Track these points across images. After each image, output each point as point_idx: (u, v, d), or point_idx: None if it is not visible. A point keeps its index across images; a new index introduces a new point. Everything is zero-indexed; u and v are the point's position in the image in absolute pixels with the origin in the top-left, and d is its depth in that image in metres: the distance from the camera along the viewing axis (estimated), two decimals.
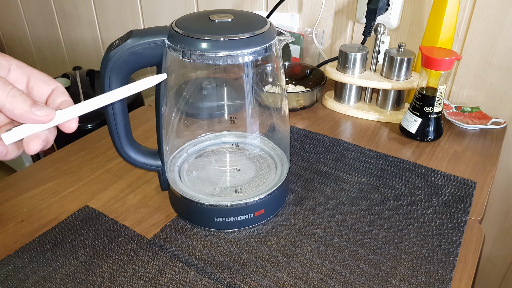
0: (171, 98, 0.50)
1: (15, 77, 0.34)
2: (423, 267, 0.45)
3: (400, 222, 0.51)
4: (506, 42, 0.71)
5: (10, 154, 0.34)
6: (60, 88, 0.36)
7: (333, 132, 0.71)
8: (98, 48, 1.39)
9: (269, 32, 0.43)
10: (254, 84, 0.48)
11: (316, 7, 0.89)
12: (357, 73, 0.75)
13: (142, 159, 0.50)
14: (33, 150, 0.33)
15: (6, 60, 0.34)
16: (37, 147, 0.33)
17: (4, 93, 0.31)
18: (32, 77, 0.35)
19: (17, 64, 0.35)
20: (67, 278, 0.44)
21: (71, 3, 1.34)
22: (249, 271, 0.44)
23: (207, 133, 0.58)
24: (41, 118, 0.32)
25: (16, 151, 0.34)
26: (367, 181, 0.58)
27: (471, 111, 0.76)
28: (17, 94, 0.32)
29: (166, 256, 0.46)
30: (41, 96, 0.35)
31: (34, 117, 0.32)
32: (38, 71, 0.36)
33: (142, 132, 0.71)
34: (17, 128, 0.33)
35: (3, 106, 0.31)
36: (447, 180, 0.59)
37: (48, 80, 0.36)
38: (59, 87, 0.36)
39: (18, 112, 0.32)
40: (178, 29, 0.42)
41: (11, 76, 0.34)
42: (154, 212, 0.53)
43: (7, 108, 0.32)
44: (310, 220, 0.51)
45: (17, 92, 0.32)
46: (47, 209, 0.53)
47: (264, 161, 0.55)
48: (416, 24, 0.79)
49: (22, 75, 0.35)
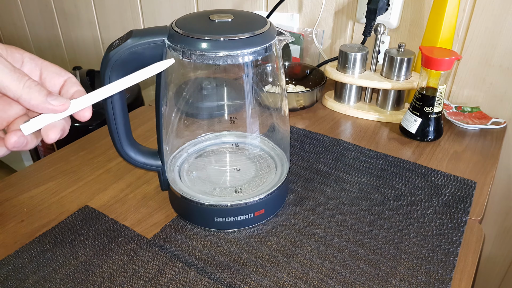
0: (171, 98, 0.50)
1: (28, 70, 0.36)
2: (423, 267, 0.45)
3: (400, 222, 0.51)
4: (506, 42, 0.71)
5: (30, 144, 0.35)
6: (72, 79, 0.37)
7: (333, 132, 0.71)
8: (98, 48, 1.39)
9: (269, 32, 0.43)
10: (254, 84, 0.48)
11: (316, 7, 0.89)
12: (357, 73, 0.75)
13: (142, 159, 0.50)
14: (51, 139, 0.34)
15: (19, 53, 0.35)
16: (56, 136, 0.35)
17: (20, 84, 0.32)
18: (44, 69, 0.36)
19: (30, 57, 0.36)
20: (67, 278, 0.44)
21: (71, 3, 1.34)
22: (249, 271, 0.44)
23: (207, 133, 0.58)
24: (56, 107, 0.34)
25: (35, 141, 0.36)
26: (367, 181, 0.58)
27: (471, 111, 0.76)
28: (33, 85, 0.33)
29: (166, 256, 0.46)
30: (54, 87, 0.36)
31: (49, 106, 0.33)
32: (50, 63, 0.37)
33: (142, 132, 0.71)
34: (35, 119, 0.34)
35: (19, 96, 0.33)
36: (447, 180, 0.59)
37: (60, 71, 0.37)
38: (71, 78, 0.37)
39: (35, 102, 0.33)
40: (178, 29, 0.42)
41: (24, 69, 0.35)
42: (154, 212, 0.53)
43: (23, 99, 0.33)
44: (310, 220, 0.51)
45: (32, 83, 0.33)
46: (47, 209, 0.53)
47: (264, 161, 0.55)
48: (416, 24, 0.79)
49: (35, 67, 0.36)
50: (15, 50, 0.35)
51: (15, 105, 0.36)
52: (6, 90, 0.32)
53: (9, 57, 0.34)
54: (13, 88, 0.32)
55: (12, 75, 0.32)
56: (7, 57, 0.34)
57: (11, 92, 0.32)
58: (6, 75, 0.32)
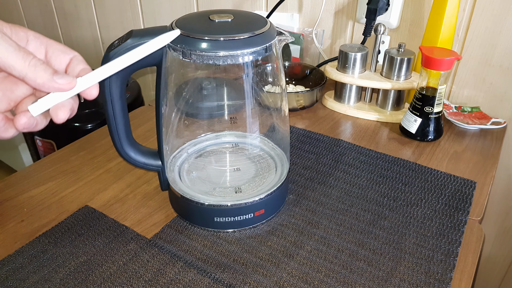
0: (171, 98, 0.50)
1: (33, 48, 0.35)
2: (423, 267, 0.45)
3: (400, 222, 0.51)
4: (506, 42, 0.71)
5: (39, 125, 0.35)
6: (78, 57, 0.36)
7: (333, 132, 0.71)
8: (98, 48, 1.39)
9: (269, 32, 0.43)
10: (254, 84, 0.48)
11: (316, 7, 0.89)
12: (357, 73, 0.75)
13: (142, 159, 0.50)
14: (61, 119, 0.34)
15: (23, 31, 0.35)
16: (65, 115, 0.34)
17: (26, 63, 0.32)
18: (49, 47, 0.36)
19: (35, 35, 0.35)
20: (67, 278, 0.44)
21: (71, 3, 1.34)
22: (249, 271, 0.44)
23: (207, 133, 0.58)
24: (63, 86, 0.33)
25: (45, 121, 0.35)
26: (367, 181, 0.58)
27: (471, 111, 0.76)
28: (38, 64, 0.32)
29: (166, 256, 0.46)
30: (59, 66, 0.36)
31: (56, 85, 0.33)
32: (54, 41, 0.36)
33: (142, 132, 0.71)
34: (42, 99, 0.34)
35: (25, 75, 0.32)
36: (447, 180, 0.59)
37: (65, 49, 0.36)
38: (77, 56, 0.36)
39: (41, 81, 0.32)
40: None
41: (29, 47, 0.35)
42: (154, 212, 0.53)
43: (29, 78, 0.32)
44: (310, 220, 0.51)
45: (38, 61, 0.32)
46: (47, 209, 0.53)
47: (264, 161, 0.55)
48: (416, 24, 0.79)
49: (40, 46, 0.35)
50: (19, 28, 0.34)
51: (21, 85, 0.35)
52: (11, 69, 0.32)
53: (13, 36, 0.34)
54: (18, 67, 0.32)
55: (17, 54, 0.32)
56: (11, 35, 0.34)
57: (16, 71, 0.32)
58: (11, 54, 0.31)
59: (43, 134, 1.13)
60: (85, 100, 0.37)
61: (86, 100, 0.36)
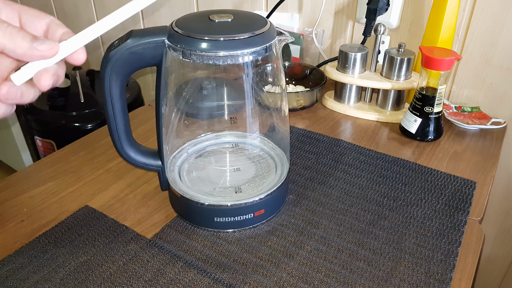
0: (171, 98, 0.50)
1: (5, 16, 0.32)
2: (423, 267, 0.45)
3: (400, 222, 0.51)
4: (506, 42, 0.71)
5: (26, 96, 0.33)
6: (55, 21, 0.34)
7: (333, 132, 0.71)
8: (98, 48, 1.39)
9: (269, 32, 0.43)
10: (254, 84, 0.48)
11: (316, 7, 0.89)
12: (357, 73, 0.75)
13: (142, 159, 0.50)
14: (45, 86, 0.32)
15: None
16: (49, 82, 0.32)
17: (1, 33, 0.29)
18: (23, 13, 0.33)
19: (4, 2, 0.32)
20: (67, 278, 0.44)
21: (71, 3, 1.34)
22: (249, 271, 0.44)
23: (207, 133, 0.58)
24: (45, 52, 0.31)
25: (32, 92, 0.33)
26: (367, 181, 0.58)
27: (471, 111, 0.76)
28: (15, 32, 0.30)
29: (166, 256, 0.46)
30: (36, 32, 0.33)
31: (37, 52, 0.30)
32: (27, 7, 0.33)
33: (142, 132, 0.71)
34: (25, 66, 0.31)
35: (3, 47, 0.30)
36: (447, 180, 0.59)
37: (40, 14, 0.33)
38: (54, 20, 0.34)
39: (20, 51, 0.30)
40: (178, 29, 0.42)
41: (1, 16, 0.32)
42: (154, 212, 0.53)
43: (8, 48, 0.30)
44: (310, 220, 0.51)
45: (14, 29, 0.30)
46: (47, 209, 0.53)
47: (264, 161, 0.55)
48: (416, 24, 0.79)
49: (12, 13, 0.33)
50: None
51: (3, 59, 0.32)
52: None
53: None
54: None
55: None
56: None
57: None
58: None
59: (43, 134, 1.13)
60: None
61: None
